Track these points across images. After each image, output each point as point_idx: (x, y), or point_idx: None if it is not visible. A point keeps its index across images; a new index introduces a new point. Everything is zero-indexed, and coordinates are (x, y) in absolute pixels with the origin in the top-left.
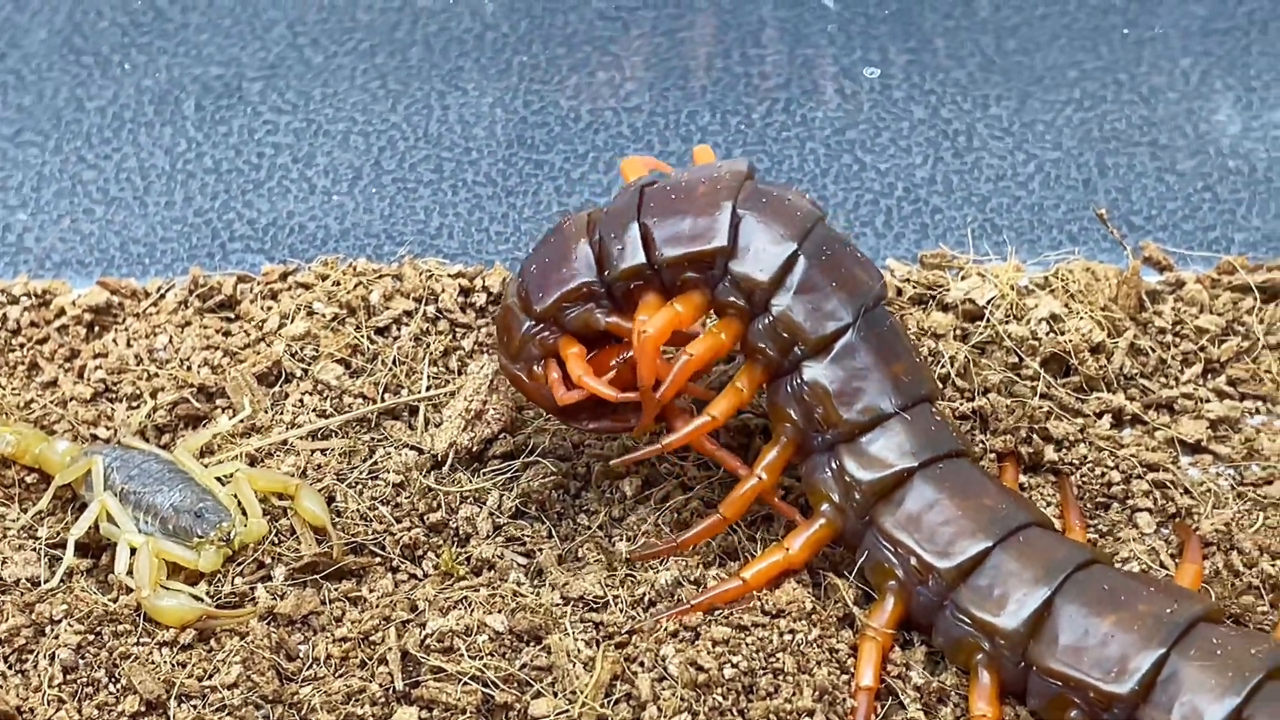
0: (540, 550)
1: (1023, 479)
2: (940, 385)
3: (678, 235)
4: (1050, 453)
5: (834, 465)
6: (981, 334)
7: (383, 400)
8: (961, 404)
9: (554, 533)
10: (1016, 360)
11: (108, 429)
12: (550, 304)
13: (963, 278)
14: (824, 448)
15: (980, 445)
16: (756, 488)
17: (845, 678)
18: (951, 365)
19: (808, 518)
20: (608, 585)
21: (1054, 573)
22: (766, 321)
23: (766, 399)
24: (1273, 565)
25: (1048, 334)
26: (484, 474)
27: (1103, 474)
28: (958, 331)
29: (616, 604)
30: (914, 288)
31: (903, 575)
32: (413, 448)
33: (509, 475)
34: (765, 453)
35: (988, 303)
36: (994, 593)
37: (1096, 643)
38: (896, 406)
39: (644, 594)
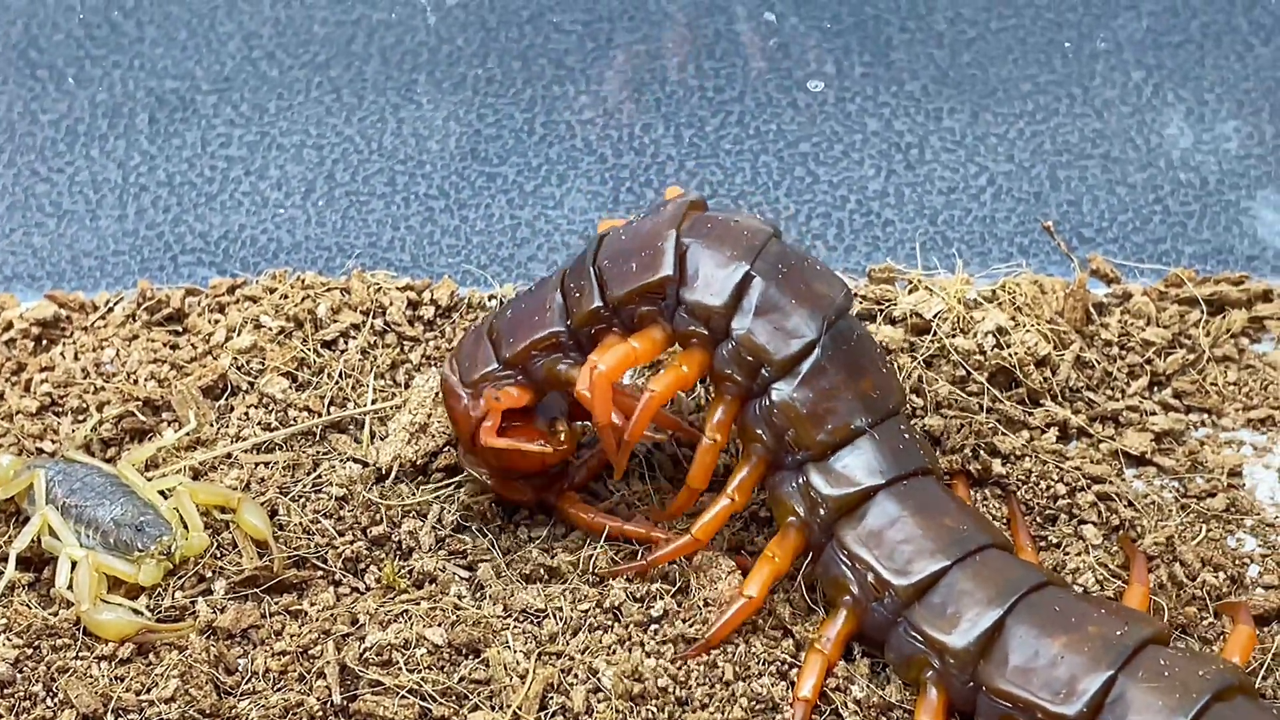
0: (482, 563)
1: (971, 493)
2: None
3: (626, 272)
4: (997, 466)
5: (800, 481)
6: (928, 348)
7: (328, 414)
8: (914, 421)
9: (495, 545)
10: (963, 374)
11: (53, 443)
12: (519, 350)
13: (910, 291)
14: (794, 465)
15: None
16: (728, 509)
17: (785, 687)
18: (905, 381)
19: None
20: (549, 598)
21: (1007, 594)
22: (730, 347)
23: (736, 421)
24: (1214, 576)
25: (994, 347)
26: (427, 487)
27: (1048, 487)
28: (906, 345)
29: (557, 616)
30: (862, 302)
31: (858, 591)
32: (357, 461)
33: (452, 488)
34: (736, 472)
35: (935, 316)
36: (947, 611)
37: (1046, 664)
38: (867, 424)
39: (587, 609)
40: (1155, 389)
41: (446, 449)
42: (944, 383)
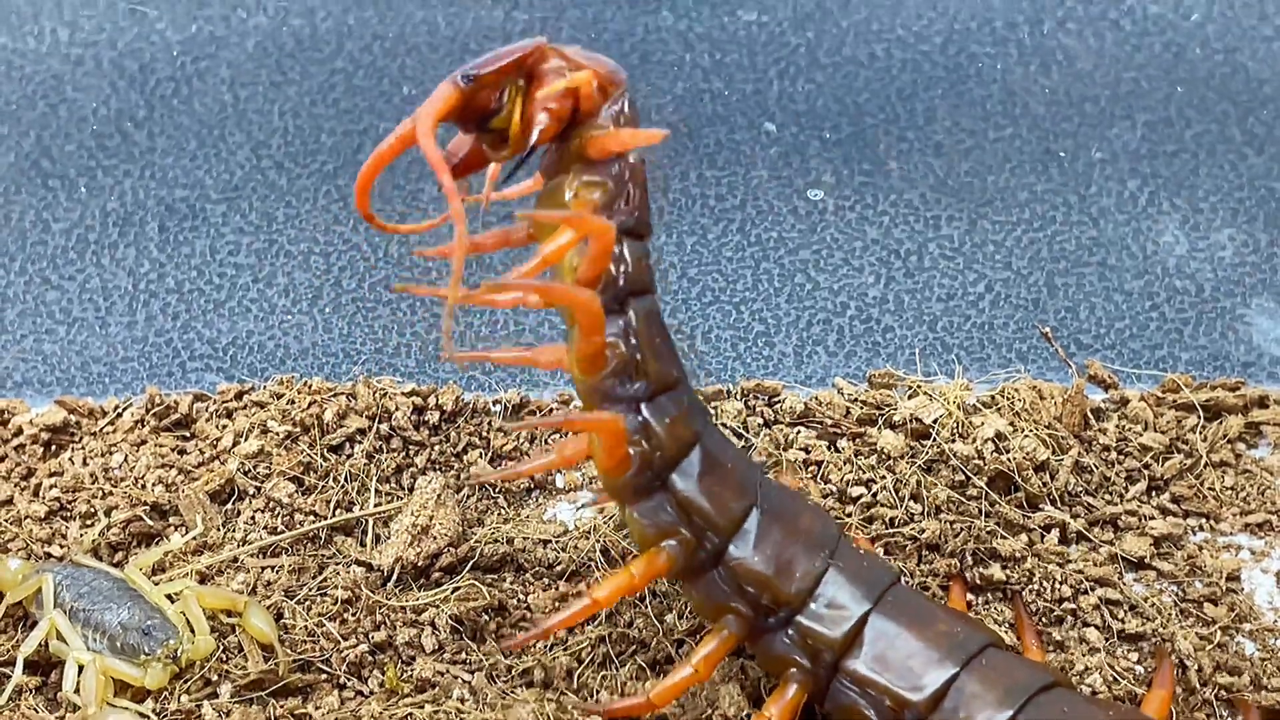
0: (482, 668)
1: (969, 598)
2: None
3: None
4: (997, 571)
5: (792, 634)
6: (928, 453)
7: (334, 517)
8: (911, 527)
9: (497, 648)
10: (963, 479)
11: (62, 547)
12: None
13: (910, 396)
14: (779, 624)
15: (928, 566)
16: (691, 679)
17: None
18: (904, 487)
19: (777, 687)
20: (549, 701)
21: (1016, 695)
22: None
23: (698, 601)
24: (1226, 678)
25: (993, 453)
26: (429, 589)
27: (1051, 589)
28: (906, 450)
29: (552, 715)
30: (862, 407)
31: (875, 715)
32: (361, 564)
33: (453, 589)
34: (703, 645)
35: (934, 421)
36: (959, 716)
37: None
38: (826, 558)
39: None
40: (1153, 493)
41: (449, 549)
42: (943, 487)
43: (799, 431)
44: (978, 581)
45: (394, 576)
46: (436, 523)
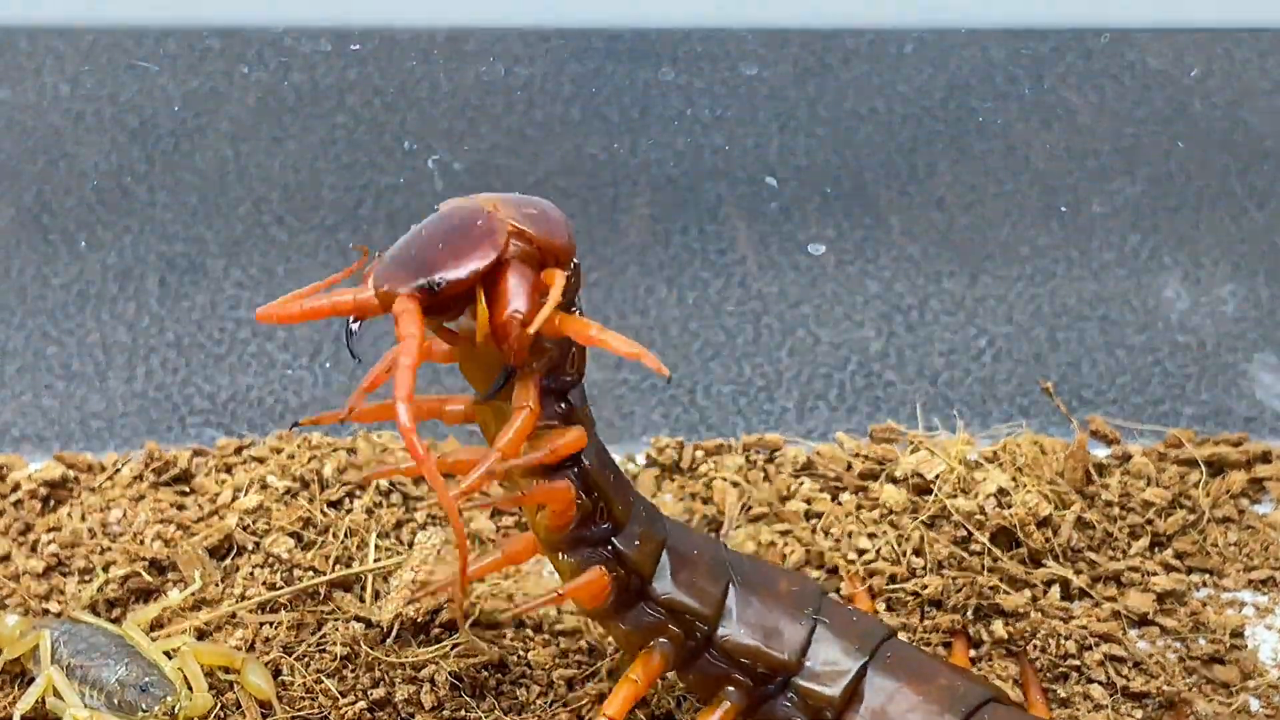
0: None
1: (971, 654)
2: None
3: None
4: (1000, 628)
5: (792, 697)
6: (930, 509)
7: (333, 572)
8: (914, 582)
9: (496, 705)
10: (965, 534)
11: (59, 603)
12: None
13: (912, 451)
14: (775, 690)
15: (930, 622)
16: None
17: None
18: (906, 542)
19: None
20: None
21: None
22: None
23: (696, 682)
24: None
25: (995, 508)
26: (429, 645)
27: (1055, 645)
28: (909, 505)
29: None
30: (863, 462)
31: None
32: (361, 620)
33: (452, 645)
34: (704, 715)
35: (936, 477)
36: None
37: None
38: (811, 616)
39: None
40: (1156, 549)
41: (449, 603)
42: (945, 543)
43: (802, 483)
44: (982, 638)
45: (393, 633)
46: (436, 579)
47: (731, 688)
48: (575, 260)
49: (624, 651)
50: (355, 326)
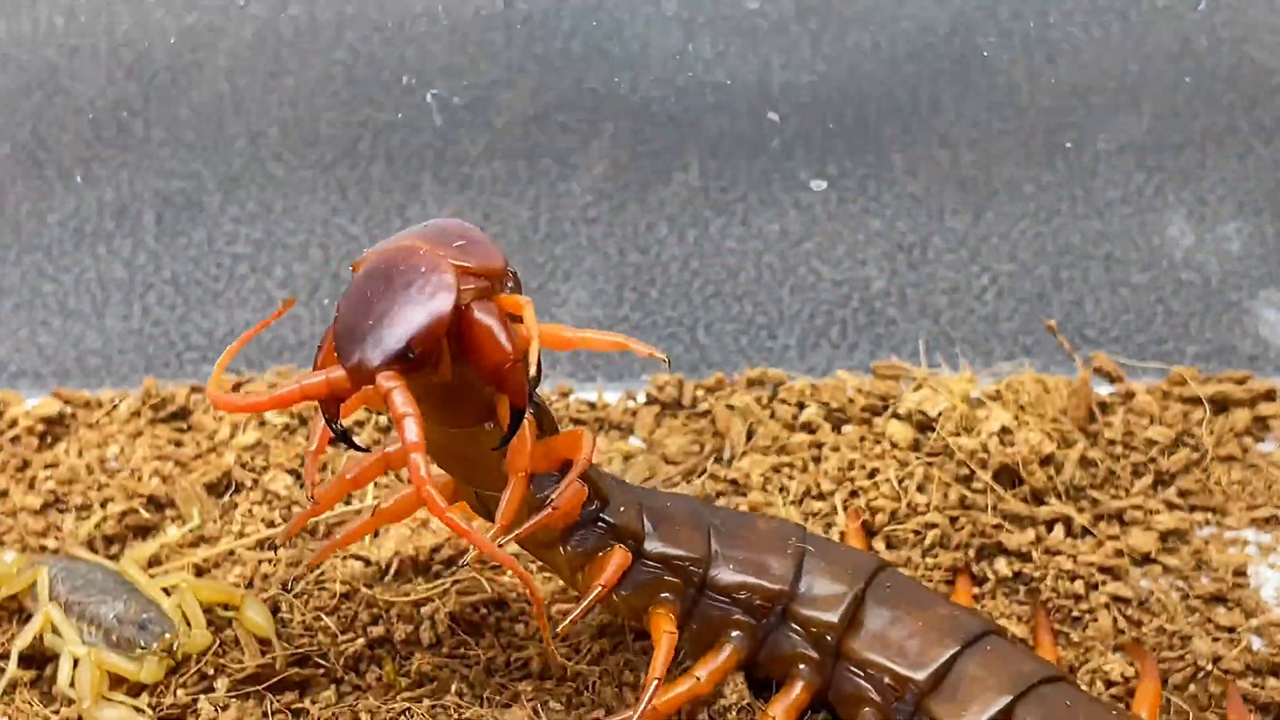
0: (479, 663)
1: (975, 591)
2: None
3: None
4: (1004, 566)
5: (794, 628)
6: (931, 445)
7: (332, 510)
8: (916, 520)
9: (495, 643)
10: (968, 473)
11: (57, 540)
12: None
13: (915, 389)
14: (776, 622)
15: (933, 560)
16: (695, 689)
17: None
18: (910, 479)
19: (783, 687)
20: (545, 694)
21: (1018, 683)
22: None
23: (702, 629)
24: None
25: (998, 446)
26: (427, 583)
27: (1059, 585)
28: (912, 442)
29: (550, 709)
30: (866, 398)
31: (878, 697)
32: (359, 558)
33: (452, 582)
34: (711, 657)
35: (938, 414)
36: (958, 696)
37: None
38: (797, 547)
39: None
40: (1159, 488)
41: (448, 541)
42: (949, 480)
43: (805, 415)
44: (986, 575)
45: (392, 570)
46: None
47: (735, 631)
48: (511, 269)
49: (628, 618)
50: (340, 426)
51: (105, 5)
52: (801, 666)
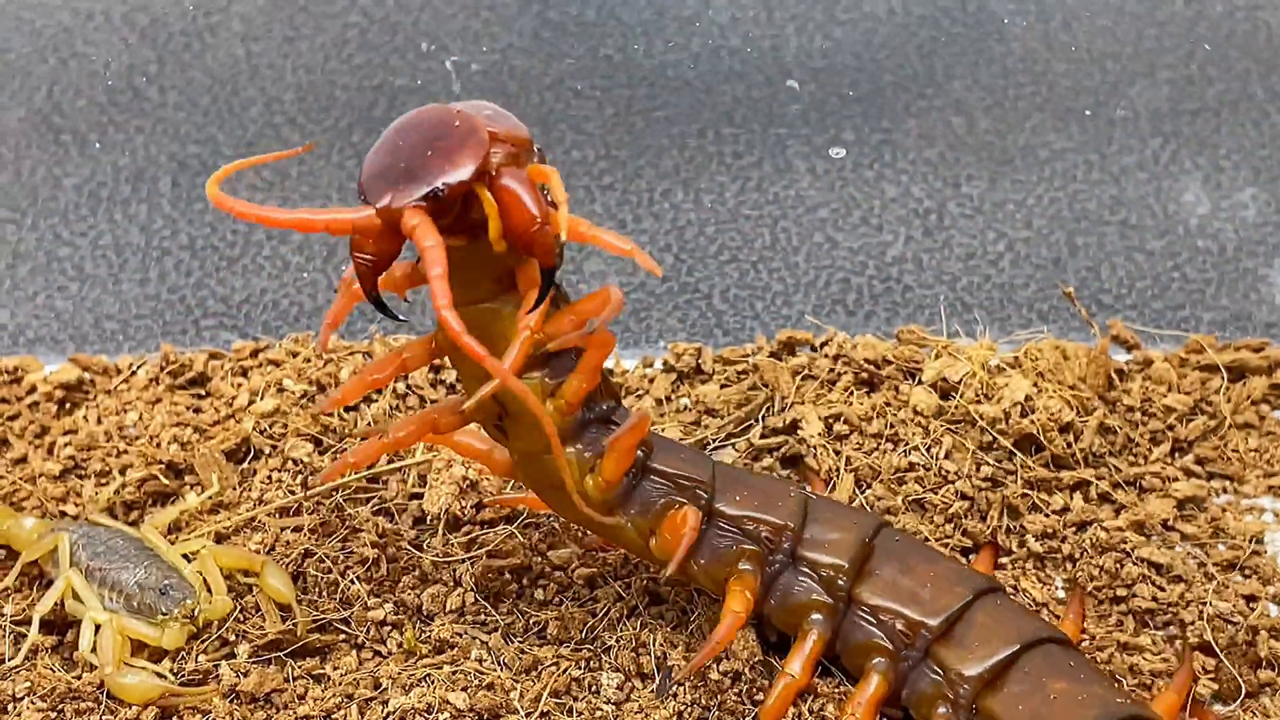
0: (498, 628)
1: (1003, 561)
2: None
3: None
4: (1033, 543)
5: (803, 569)
6: (953, 413)
7: (365, 470)
8: (946, 489)
9: (515, 609)
10: (990, 440)
11: (76, 506)
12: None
13: (936, 356)
14: (785, 563)
15: (958, 529)
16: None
17: None
18: (937, 447)
19: (797, 639)
20: (563, 659)
21: (1025, 636)
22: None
23: (711, 561)
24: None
25: (1019, 414)
26: (461, 538)
27: (1093, 560)
28: (936, 410)
29: (567, 674)
30: (888, 365)
31: (889, 644)
32: (384, 513)
33: (478, 546)
34: (726, 603)
35: (959, 381)
36: (966, 643)
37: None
38: (799, 490)
39: (612, 677)
40: (1176, 455)
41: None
42: (971, 447)
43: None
44: (1012, 547)
45: (423, 528)
46: (485, 477)
47: (745, 562)
48: (538, 147)
49: (635, 548)
50: (375, 293)
51: None
52: (815, 616)
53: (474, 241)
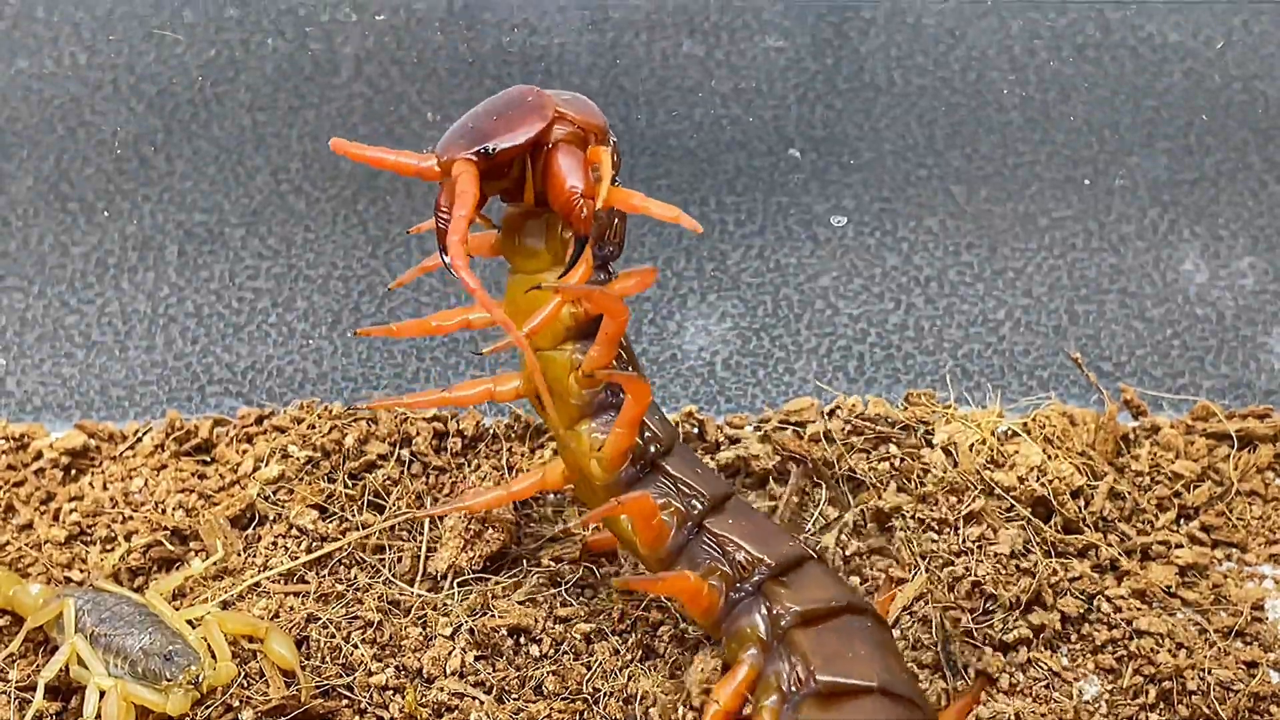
0: (493, 688)
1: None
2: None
3: None
4: (1057, 623)
5: (667, 481)
6: (967, 481)
7: (357, 530)
8: (973, 563)
9: (509, 666)
10: (1008, 506)
11: (81, 572)
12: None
13: (946, 422)
14: (695, 528)
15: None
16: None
17: None
18: (956, 511)
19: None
20: (560, 713)
21: (845, 596)
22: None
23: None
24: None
25: (1036, 480)
26: (460, 598)
27: (1098, 626)
28: (952, 471)
29: None
30: (899, 428)
31: (729, 570)
32: (389, 582)
33: (481, 600)
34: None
35: (970, 448)
36: (797, 585)
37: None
38: (657, 453)
39: None
40: (1183, 521)
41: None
42: (992, 517)
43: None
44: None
45: (436, 585)
46: (489, 524)
47: (713, 580)
48: (613, 138)
49: (629, 544)
50: (448, 259)
51: (127, 40)
52: (752, 650)
53: (536, 213)
